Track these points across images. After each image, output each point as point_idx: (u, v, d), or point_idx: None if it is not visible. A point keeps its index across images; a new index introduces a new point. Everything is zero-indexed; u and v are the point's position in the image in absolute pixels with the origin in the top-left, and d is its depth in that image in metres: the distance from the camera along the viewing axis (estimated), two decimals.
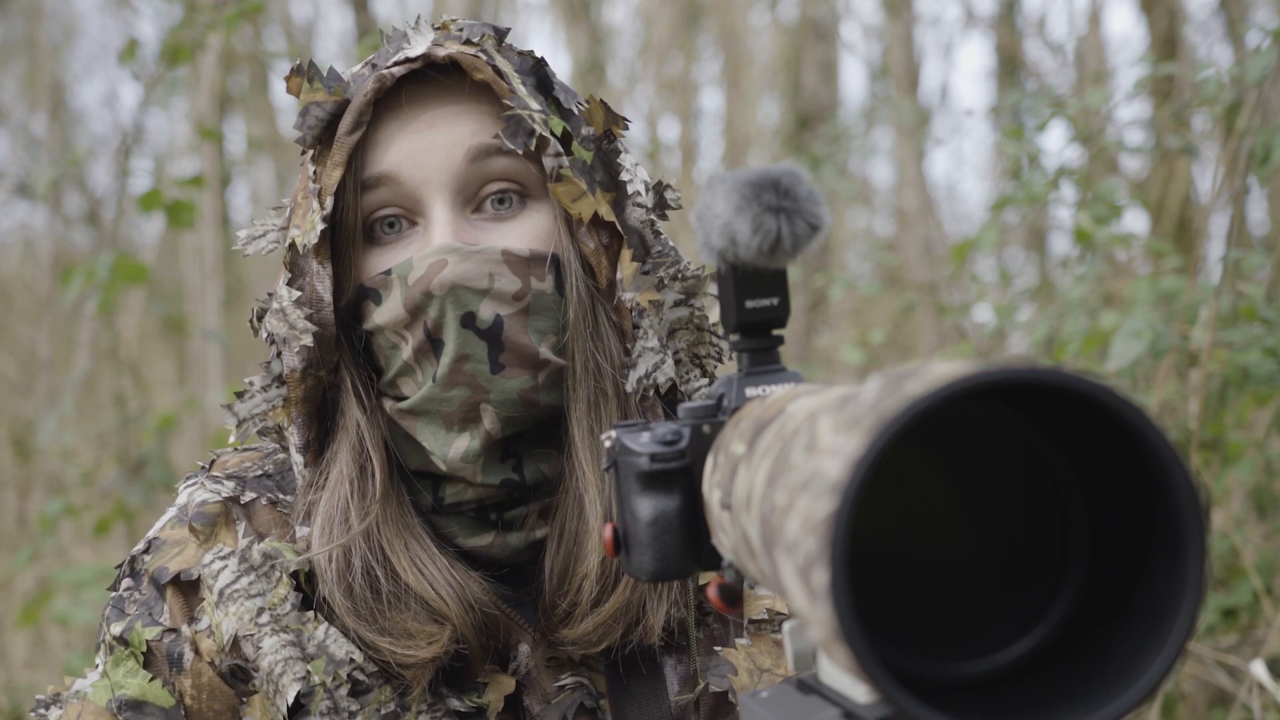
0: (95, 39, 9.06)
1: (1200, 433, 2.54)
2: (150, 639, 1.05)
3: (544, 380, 1.05)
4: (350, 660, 1.03)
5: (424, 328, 1.02)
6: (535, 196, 1.06)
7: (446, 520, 1.08)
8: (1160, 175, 4.54)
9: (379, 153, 1.05)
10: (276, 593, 1.05)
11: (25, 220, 7.87)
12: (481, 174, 1.05)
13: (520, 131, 1.03)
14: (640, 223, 1.08)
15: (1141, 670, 0.56)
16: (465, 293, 1.01)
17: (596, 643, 1.05)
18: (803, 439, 0.58)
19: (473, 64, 1.04)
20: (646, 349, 1.07)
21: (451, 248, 1.01)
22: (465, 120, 1.05)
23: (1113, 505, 0.60)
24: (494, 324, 1.02)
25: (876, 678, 0.52)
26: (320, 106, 1.05)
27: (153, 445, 3.90)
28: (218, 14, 3.30)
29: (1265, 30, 2.39)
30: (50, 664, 4.79)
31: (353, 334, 1.07)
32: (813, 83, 6.40)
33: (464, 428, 1.03)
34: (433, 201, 1.04)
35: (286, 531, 1.09)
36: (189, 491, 1.12)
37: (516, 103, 1.03)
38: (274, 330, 1.06)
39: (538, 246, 1.05)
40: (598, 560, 1.04)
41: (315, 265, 1.04)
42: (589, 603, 1.04)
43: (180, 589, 1.07)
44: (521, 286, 1.03)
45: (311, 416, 1.07)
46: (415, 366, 1.04)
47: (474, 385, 1.02)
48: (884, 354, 5.04)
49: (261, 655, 1.03)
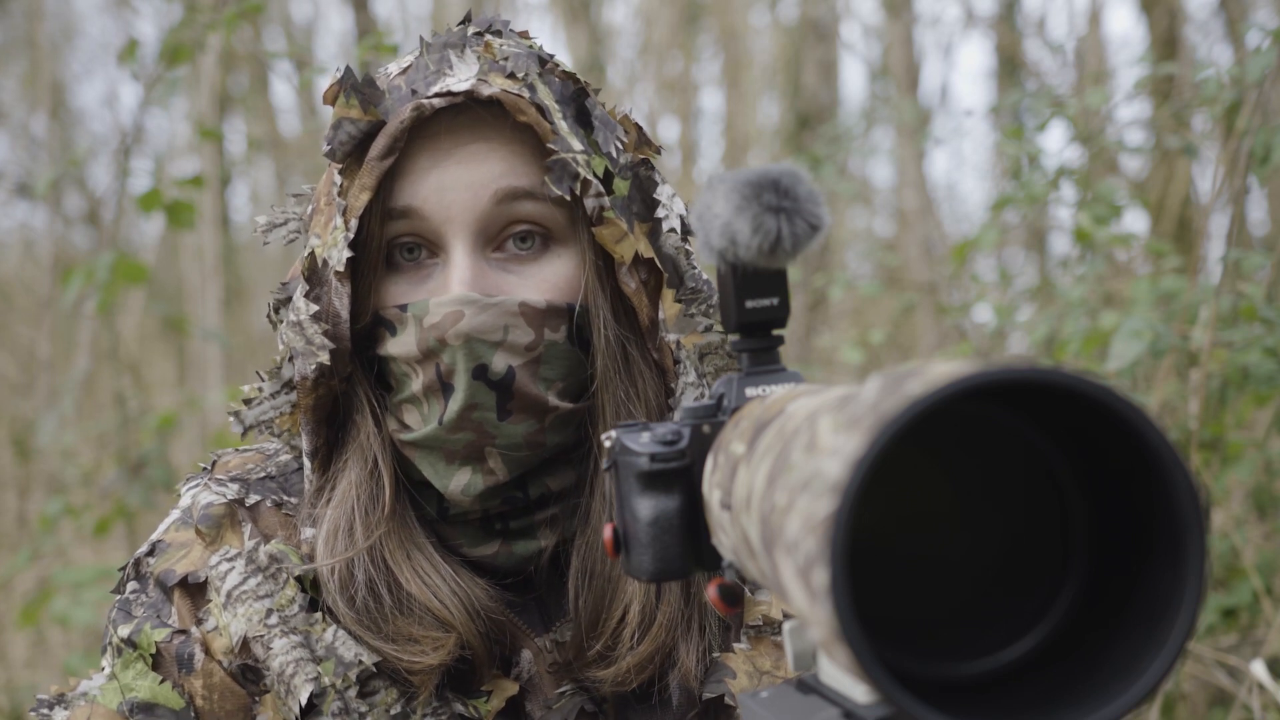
0: (95, 39, 9.07)
1: (1200, 433, 2.54)
2: (159, 641, 1.05)
3: (550, 422, 1.04)
4: (359, 662, 1.03)
5: (436, 369, 1.02)
6: (559, 240, 1.05)
7: (452, 529, 1.08)
8: (1160, 175, 4.54)
9: (408, 183, 1.03)
10: (284, 594, 1.05)
11: (25, 220, 7.87)
12: (506, 215, 1.03)
13: (565, 176, 1.01)
14: (675, 249, 1.07)
15: (1141, 670, 0.56)
16: (479, 345, 1.01)
17: (632, 683, 1.05)
18: (803, 439, 0.58)
19: (516, 105, 1.01)
20: (688, 385, 1.06)
21: (469, 299, 1.00)
22: (497, 160, 1.03)
23: (1113, 505, 0.60)
24: (506, 375, 1.02)
25: (876, 678, 0.52)
26: (354, 124, 1.03)
27: (153, 445, 3.90)
28: (218, 14, 3.30)
29: (1265, 30, 2.39)
30: (50, 664, 4.78)
31: (367, 352, 1.07)
32: (813, 83, 6.40)
33: (465, 463, 1.03)
34: (454, 241, 1.02)
35: (292, 534, 1.09)
36: (193, 493, 1.11)
37: (560, 145, 1.01)
38: (290, 343, 1.06)
39: (555, 297, 1.03)
40: (639, 606, 1.04)
41: (336, 283, 1.03)
42: (627, 647, 1.04)
43: (187, 591, 1.06)
44: (534, 338, 1.02)
45: (321, 424, 1.07)
46: (423, 400, 1.04)
47: (480, 431, 1.02)
48: (884, 354, 5.03)
49: (272, 656, 1.03)
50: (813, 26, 6.53)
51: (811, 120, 6.22)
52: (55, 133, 7.22)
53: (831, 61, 6.65)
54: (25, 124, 7.88)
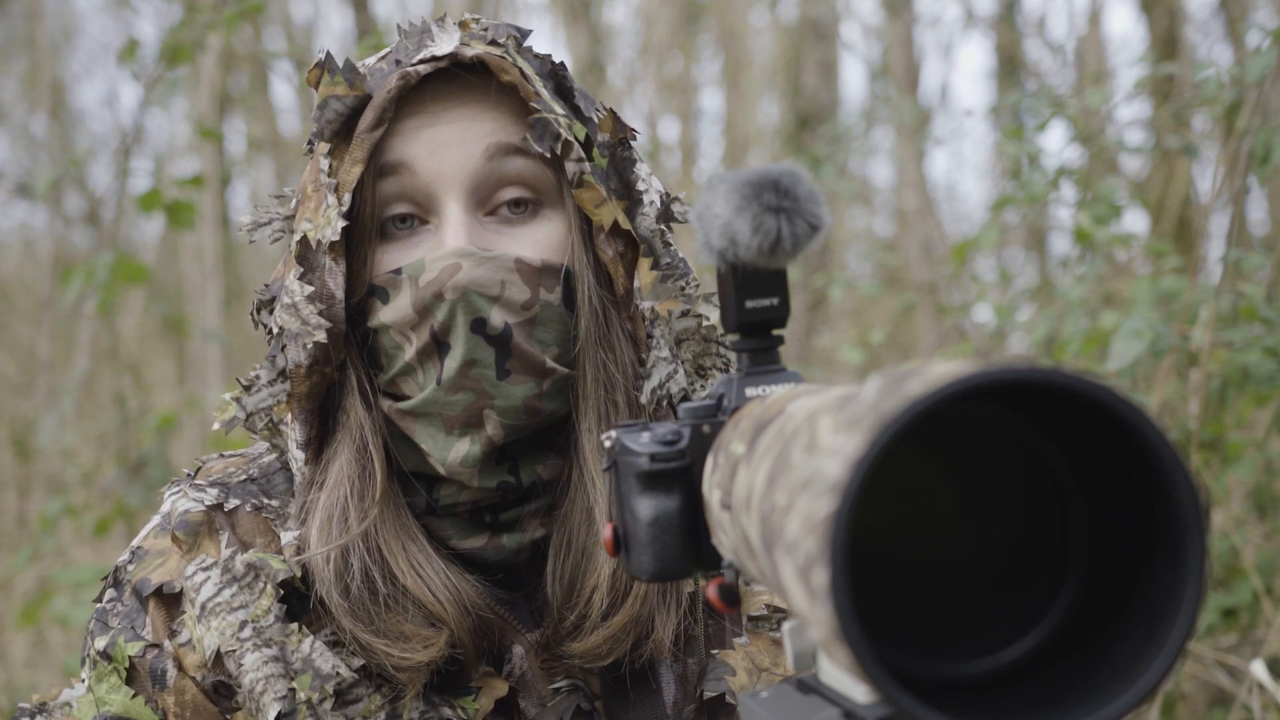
0: (95, 39, 9.07)
1: (1200, 433, 2.54)
2: (133, 655, 1.04)
3: (548, 388, 1.04)
4: (336, 674, 1.01)
5: (430, 329, 1.01)
6: (549, 204, 1.06)
7: (441, 522, 1.07)
8: (1160, 175, 4.54)
9: (396, 142, 1.03)
10: (260, 604, 1.03)
11: (25, 220, 7.88)
12: (498, 174, 1.03)
13: (547, 134, 1.02)
14: (650, 231, 1.07)
15: (1141, 670, 0.56)
16: (477, 298, 1.00)
17: (605, 656, 1.04)
18: (803, 439, 0.58)
19: (500, 65, 1.03)
20: (660, 359, 1.06)
21: (466, 251, 1.00)
22: (486, 119, 1.04)
23: (1113, 505, 0.60)
24: (504, 331, 1.01)
25: (876, 678, 0.52)
26: (340, 100, 1.04)
27: (153, 445, 3.90)
28: (218, 14, 3.30)
29: (1265, 30, 2.39)
30: (50, 664, 4.79)
31: (358, 331, 1.06)
32: (813, 83, 6.40)
33: (465, 432, 1.03)
34: (447, 199, 1.03)
35: (271, 540, 1.07)
36: (172, 499, 1.10)
37: (543, 105, 1.03)
38: (285, 324, 1.05)
39: (550, 257, 1.04)
40: (609, 573, 1.03)
41: (329, 261, 1.03)
42: (599, 616, 1.03)
43: (162, 601, 1.05)
44: (530, 296, 1.02)
45: (314, 413, 1.06)
46: (418, 367, 1.03)
47: (479, 390, 1.02)
48: (884, 354, 5.03)
49: (244, 672, 1.01)
50: (813, 26, 6.53)
51: (811, 120, 6.22)
52: (55, 133, 7.23)
53: (831, 61, 6.65)
54: (25, 124, 7.89)
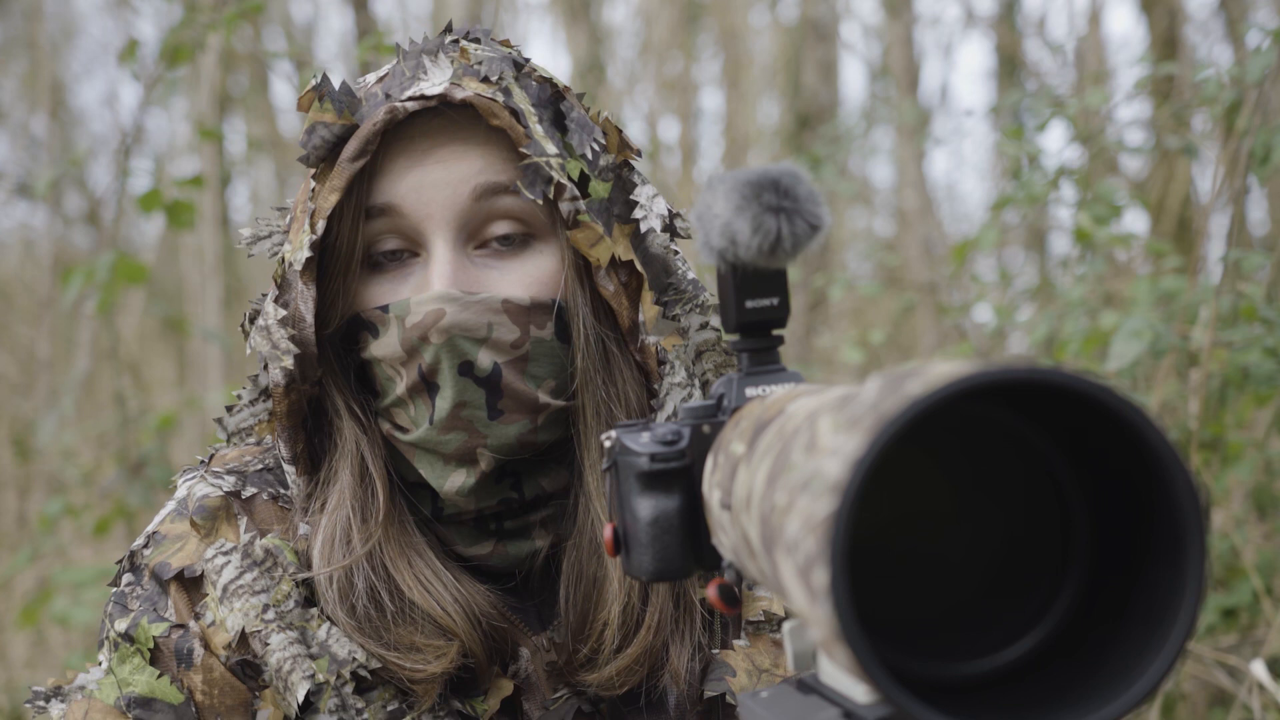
0: (95, 39, 9.06)
1: (1200, 433, 2.54)
2: (157, 635, 1.04)
3: (543, 421, 1.05)
4: (352, 659, 1.02)
5: (419, 369, 1.02)
6: (541, 236, 1.05)
7: (447, 530, 1.08)
8: (1160, 175, 4.54)
9: (384, 182, 1.03)
10: (280, 589, 1.04)
11: (25, 220, 7.87)
12: (486, 212, 1.03)
13: (538, 180, 1.02)
14: (663, 249, 1.07)
15: (1141, 670, 0.56)
16: (463, 341, 1.01)
17: (619, 686, 1.05)
18: (803, 439, 0.58)
19: (489, 109, 1.01)
20: (674, 385, 1.06)
21: (450, 296, 1.00)
22: (475, 157, 1.03)
23: (1113, 505, 0.60)
24: (493, 371, 1.02)
25: (876, 678, 0.52)
26: (327, 128, 1.04)
27: (153, 445, 3.90)
28: (218, 14, 3.30)
29: (1265, 30, 2.39)
30: (50, 664, 4.78)
31: (347, 357, 1.07)
32: (813, 83, 6.40)
33: (460, 464, 1.04)
34: (435, 237, 1.02)
35: (288, 528, 1.08)
36: (188, 485, 1.11)
37: (534, 149, 1.01)
38: (258, 347, 1.06)
39: (539, 293, 1.03)
40: (619, 609, 1.04)
41: (301, 286, 1.04)
42: (610, 650, 1.04)
43: (183, 585, 1.06)
44: (520, 335, 1.02)
45: (297, 430, 1.07)
46: (409, 402, 1.04)
47: (471, 430, 1.02)
48: (884, 354, 5.03)
49: (270, 651, 1.03)
50: (813, 26, 6.53)
51: (811, 120, 6.22)
52: (55, 133, 7.22)
53: (831, 61, 6.64)
54: (25, 124, 7.88)
